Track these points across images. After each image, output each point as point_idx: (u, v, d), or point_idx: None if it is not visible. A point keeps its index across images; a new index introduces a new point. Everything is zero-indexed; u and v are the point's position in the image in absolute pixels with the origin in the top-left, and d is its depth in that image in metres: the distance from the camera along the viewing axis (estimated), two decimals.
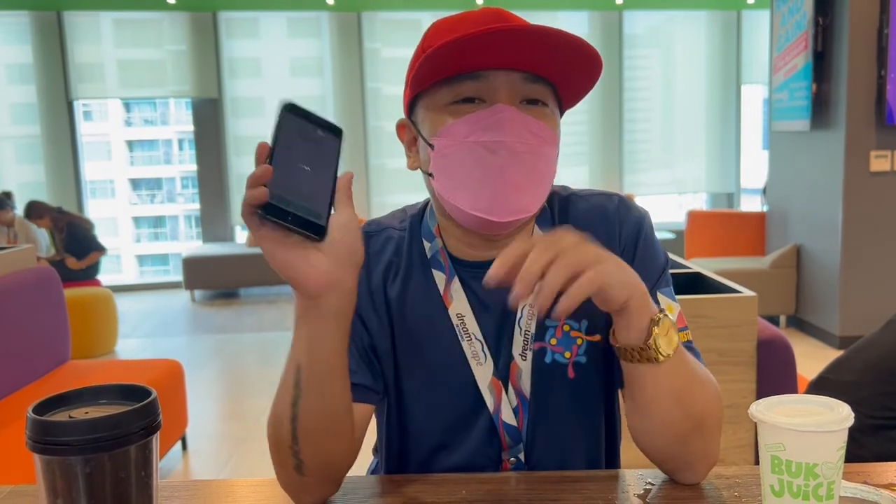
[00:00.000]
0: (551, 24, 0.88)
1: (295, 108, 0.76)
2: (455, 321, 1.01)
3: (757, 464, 0.81)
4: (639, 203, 1.09)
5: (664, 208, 10.55)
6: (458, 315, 1.01)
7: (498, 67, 0.93)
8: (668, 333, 0.86)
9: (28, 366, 3.02)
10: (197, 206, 7.95)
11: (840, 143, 4.60)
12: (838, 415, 0.74)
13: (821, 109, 4.76)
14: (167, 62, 7.44)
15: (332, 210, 0.79)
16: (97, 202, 20.37)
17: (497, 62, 0.92)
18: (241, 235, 7.79)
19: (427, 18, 7.37)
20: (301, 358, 0.85)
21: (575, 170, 7.70)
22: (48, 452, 0.67)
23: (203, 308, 6.79)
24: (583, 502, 0.91)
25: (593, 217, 1.04)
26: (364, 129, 7.54)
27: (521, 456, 1.02)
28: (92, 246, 6.21)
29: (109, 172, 22.53)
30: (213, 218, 7.71)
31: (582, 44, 0.88)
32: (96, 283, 6.11)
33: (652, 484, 0.96)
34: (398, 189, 7.61)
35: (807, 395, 0.80)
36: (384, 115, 7.54)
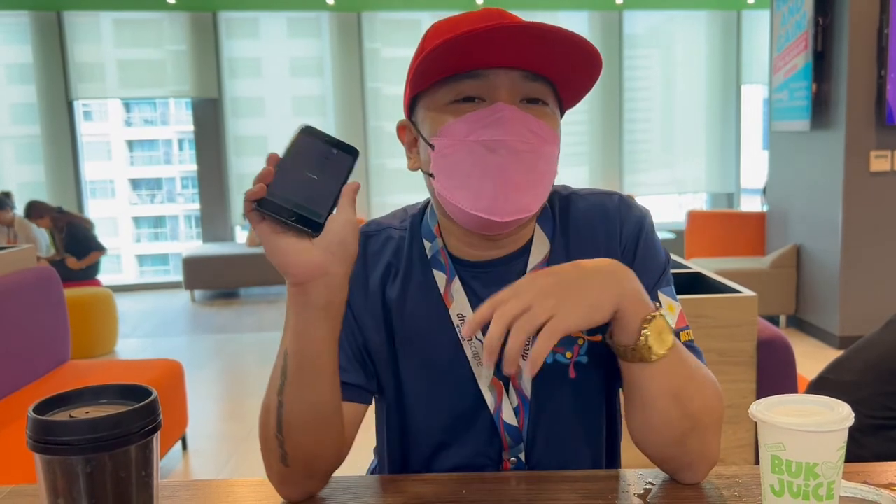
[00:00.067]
0: (551, 23, 0.88)
1: (311, 131, 0.80)
2: (456, 321, 1.01)
3: (757, 464, 0.81)
4: (639, 203, 1.10)
5: (664, 208, 10.54)
6: (459, 315, 1.01)
7: (498, 66, 0.93)
8: (660, 334, 0.86)
9: (28, 366, 3.01)
10: (197, 206, 7.95)
11: (840, 143, 4.60)
12: (838, 415, 0.74)
13: (821, 109, 4.76)
14: (167, 62, 7.44)
15: (334, 212, 0.81)
16: (97, 202, 20.37)
17: (497, 61, 0.92)
18: (241, 235, 7.79)
19: (427, 18, 7.37)
20: (289, 346, 0.86)
21: (575, 170, 7.69)
22: (49, 452, 0.67)
23: (203, 308, 6.78)
24: (583, 502, 0.91)
25: (594, 216, 1.05)
26: (364, 129, 7.54)
27: (522, 456, 1.02)
28: (92, 246, 6.21)
29: (109, 172, 22.53)
30: (213, 218, 7.71)
31: (582, 41, 0.88)
32: (96, 283, 6.10)
33: (652, 484, 0.96)
34: (398, 189, 7.61)
35: (807, 395, 0.80)
36: (384, 116, 7.54)
